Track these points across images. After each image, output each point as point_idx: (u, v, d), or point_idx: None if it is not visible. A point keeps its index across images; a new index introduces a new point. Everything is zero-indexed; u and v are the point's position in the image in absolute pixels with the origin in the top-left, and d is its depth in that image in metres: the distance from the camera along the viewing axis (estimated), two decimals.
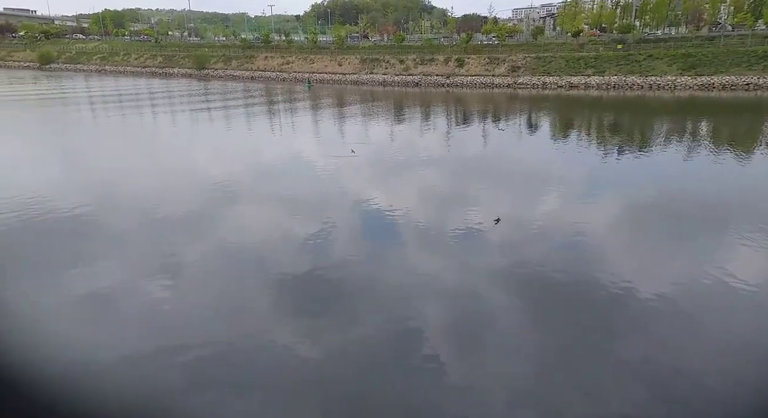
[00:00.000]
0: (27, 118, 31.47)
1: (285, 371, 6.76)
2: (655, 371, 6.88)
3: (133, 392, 6.27)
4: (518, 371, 6.93)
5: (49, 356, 6.89)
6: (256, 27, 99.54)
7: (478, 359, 7.17)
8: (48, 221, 12.05)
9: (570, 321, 8.23)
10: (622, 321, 8.26)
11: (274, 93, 50.20)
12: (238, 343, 7.37)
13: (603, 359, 7.28)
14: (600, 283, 9.35)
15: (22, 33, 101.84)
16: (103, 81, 60.94)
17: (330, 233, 11.73)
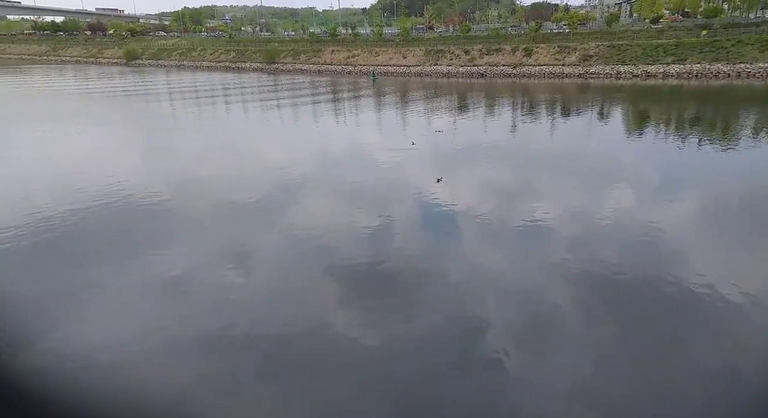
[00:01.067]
0: (113, 111, 34.02)
1: (343, 360, 6.89)
2: (738, 379, 6.53)
3: (198, 373, 6.65)
4: (585, 373, 6.75)
5: (122, 337, 7.50)
6: (324, 21, 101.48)
7: (542, 359, 7.03)
8: (128, 207, 13.02)
9: (644, 323, 7.89)
10: (702, 325, 7.85)
11: (339, 86, 51.12)
12: (299, 329, 7.62)
13: (680, 365, 6.94)
14: (677, 284, 8.87)
15: (111, 31, 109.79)
16: (181, 76, 64.53)
17: (391, 224, 11.90)
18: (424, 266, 9.73)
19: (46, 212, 12.35)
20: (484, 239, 11.13)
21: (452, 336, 7.50)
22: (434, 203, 13.51)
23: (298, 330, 7.59)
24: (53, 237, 10.91)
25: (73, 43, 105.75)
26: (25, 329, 7.40)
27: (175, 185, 15.11)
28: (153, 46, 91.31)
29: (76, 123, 27.59)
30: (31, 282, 8.96)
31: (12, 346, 6.90)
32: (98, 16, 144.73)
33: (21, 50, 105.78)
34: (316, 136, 24.53)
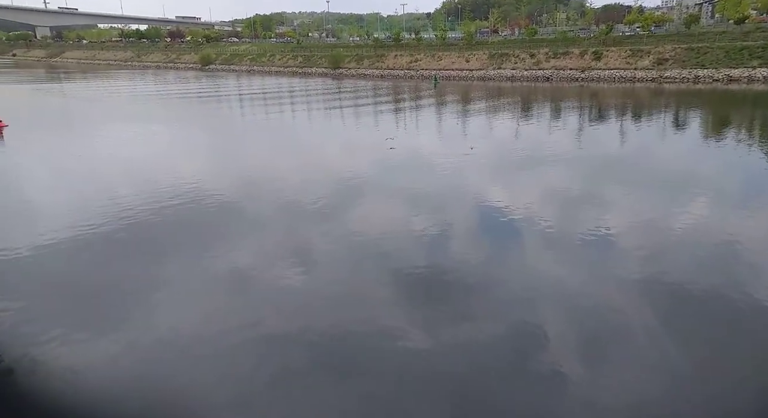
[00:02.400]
0: (187, 113, 36.04)
1: (395, 364, 6.90)
2: None
3: (253, 369, 6.87)
4: (648, 392, 6.42)
5: (183, 329, 7.92)
6: (388, 26, 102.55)
7: (602, 374, 6.75)
8: (197, 205, 13.71)
9: (716, 344, 7.42)
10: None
11: (401, 90, 51.44)
12: (354, 330, 7.72)
13: (750, 387, 6.52)
14: (754, 304, 8.27)
15: (189, 38, 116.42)
16: (251, 80, 67.34)
17: (449, 230, 11.83)
18: (481, 274, 9.59)
19: (122, 207, 13.28)
20: (546, 248, 10.82)
21: (508, 346, 7.32)
22: (493, 209, 13.33)
23: (352, 331, 7.68)
24: (128, 231, 11.70)
25: (154, 49, 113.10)
26: (99, 316, 8.00)
27: (240, 185, 15.77)
28: (226, 52, 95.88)
29: (154, 124, 29.50)
30: (104, 273, 9.66)
31: (88, 331, 7.51)
32: (178, 24, 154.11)
33: (109, 56, 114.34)
34: (376, 140, 24.84)
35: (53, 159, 19.97)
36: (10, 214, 12.91)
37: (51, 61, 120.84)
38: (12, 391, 5.58)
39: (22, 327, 7.44)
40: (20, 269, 9.45)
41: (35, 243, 10.53)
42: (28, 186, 16.09)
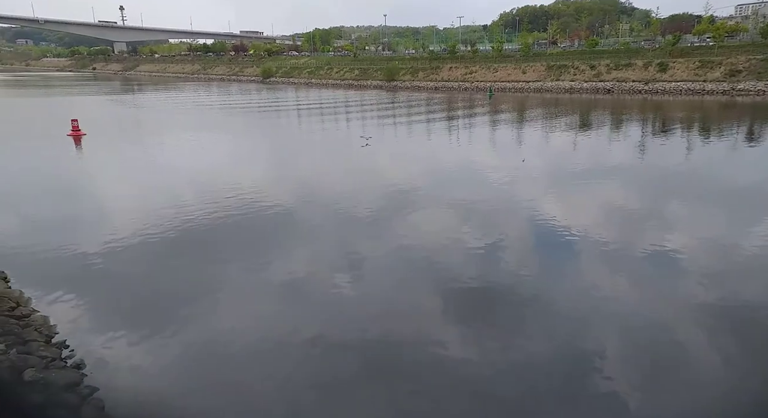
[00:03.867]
0: (248, 124, 37.51)
1: (444, 378, 6.84)
2: None
3: (303, 374, 7.03)
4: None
5: (235, 333, 8.22)
6: (444, 39, 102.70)
7: (659, 400, 6.43)
8: (252, 213, 14.19)
9: None
10: None
11: (455, 102, 51.30)
12: (401, 341, 7.73)
13: None
14: None
15: (251, 52, 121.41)
16: (309, 92, 69.27)
17: (500, 244, 11.65)
18: (534, 290, 9.39)
19: (184, 212, 13.99)
20: (604, 267, 10.46)
21: (560, 367, 7.10)
22: (547, 224, 13.04)
23: (402, 343, 7.68)
24: (188, 236, 12.31)
25: (219, 62, 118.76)
26: (157, 317, 8.47)
27: (296, 194, 16.23)
28: (286, 65, 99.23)
29: (217, 134, 30.92)
30: (164, 275, 10.21)
31: (147, 330, 7.96)
32: (242, 38, 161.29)
33: (177, 69, 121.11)
34: (428, 151, 24.91)
35: (124, 165, 21.34)
36: (83, 216, 13.91)
37: (126, 74, 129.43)
38: (81, 383, 6.03)
39: (91, 324, 7.99)
40: (89, 268, 10.15)
41: (103, 244, 11.30)
42: (101, 190, 17.29)
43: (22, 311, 7.66)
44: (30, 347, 6.48)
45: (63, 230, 12.46)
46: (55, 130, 27.79)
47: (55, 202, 15.30)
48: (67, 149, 24.10)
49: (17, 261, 10.04)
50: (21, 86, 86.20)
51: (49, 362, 6.22)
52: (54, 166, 20.57)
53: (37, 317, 7.58)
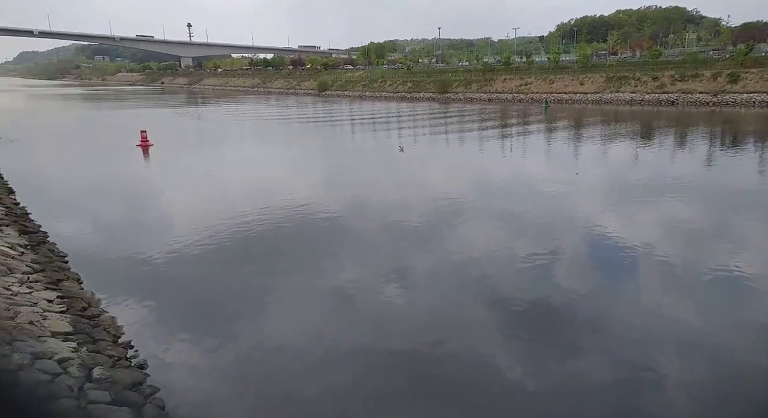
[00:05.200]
0: (303, 135, 38.56)
1: (494, 396, 6.76)
2: None
3: (350, 384, 7.10)
4: None
5: (284, 339, 8.46)
6: (499, 50, 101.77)
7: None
8: (306, 221, 14.58)
9: None
10: None
11: (509, 114, 50.61)
12: (454, 356, 7.68)
13: None
14: None
15: (308, 66, 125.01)
16: (362, 105, 70.37)
17: (554, 258, 11.38)
18: (589, 308, 9.11)
19: (242, 220, 14.55)
20: (665, 285, 10.00)
21: (617, 391, 6.83)
22: (603, 239, 12.63)
23: (452, 357, 7.63)
24: (245, 243, 12.79)
25: (278, 76, 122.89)
26: (211, 322, 8.84)
27: (347, 204, 16.54)
28: (341, 79, 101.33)
29: (274, 145, 32.00)
30: (220, 281, 10.64)
31: (202, 333, 8.34)
32: (299, 53, 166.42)
33: (239, 83, 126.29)
34: (479, 163, 24.70)
35: (187, 175, 22.47)
36: (149, 222, 14.75)
37: (191, 87, 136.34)
38: (144, 383, 6.40)
39: (154, 326, 8.46)
40: (153, 272, 10.76)
41: (166, 250, 11.93)
42: (166, 198, 18.30)
43: (93, 312, 8.22)
44: (99, 346, 6.94)
45: (130, 235, 13.27)
46: (126, 140, 29.66)
47: (124, 209, 16.31)
48: (137, 159, 25.66)
49: (90, 264, 10.77)
50: (97, 100, 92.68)
51: (115, 361, 6.63)
52: (124, 175, 21.94)
53: (105, 318, 8.11)
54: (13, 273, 8.77)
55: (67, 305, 8.05)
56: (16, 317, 6.93)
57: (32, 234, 11.95)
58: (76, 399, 5.42)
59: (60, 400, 5.27)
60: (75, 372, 5.95)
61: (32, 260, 9.91)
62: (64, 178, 21.20)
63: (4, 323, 6.58)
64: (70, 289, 8.88)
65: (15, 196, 16.30)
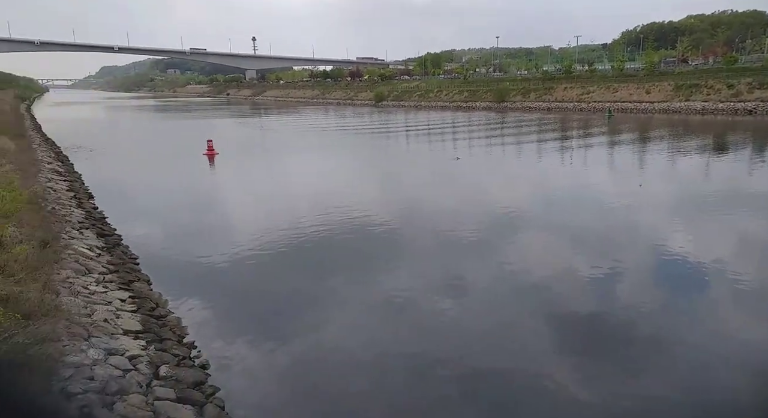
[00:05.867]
0: (359, 145, 39.14)
1: (548, 414, 6.63)
2: None
3: (403, 397, 7.06)
4: None
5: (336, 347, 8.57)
6: (559, 59, 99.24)
7: None
8: (360, 229, 14.76)
9: None
10: None
11: (569, 123, 49.18)
12: (507, 369, 7.55)
13: None
14: None
15: (366, 77, 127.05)
16: (417, 115, 70.61)
17: (616, 275, 10.92)
18: (653, 328, 8.66)
19: (299, 226, 14.94)
20: (737, 306, 9.39)
21: (681, 414, 6.52)
22: (668, 254, 12.00)
23: (505, 371, 7.51)
24: (301, 249, 13.12)
25: (336, 87, 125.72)
26: (268, 324, 9.12)
27: (401, 213, 16.60)
28: (397, 89, 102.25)
29: (331, 154, 32.68)
30: (277, 286, 10.97)
31: (261, 335, 8.61)
32: (357, 64, 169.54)
33: (299, 94, 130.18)
34: (537, 173, 24.14)
35: (250, 182, 23.36)
36: (213, 227, 15.44)
37: (255, 98, 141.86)
38: (206, 382, 6.70)
39: (216, 327, 8.85)
40: (216, 275, 11.25)
41: (228, 254, 12.45)
42: (229, 205, 19.12)
43: (160, 312, 8.70)
44: (165, 345, 7.33)
45: (196, 240, 13.94)
46: (193, 149, 31.25)
47: (191, 215, 17.16)
48: (203, 167, 26.97)
49: (158, 266, 11.40)
50: (167, 110, 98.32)
51: (180, 360, 6.99)
52: (191, 183, 23.11)
53: (172, 318, 8.56)
54: (90, 273, 9.44)
55: (138, 304, 8.58)
56: (93, 315, 7.46)
57: (108, 237, 12.82)
58: (145, 395, 5.76)
59: (130, 395, 5.61)
60: (144, 369, 6.33)
61: (108, 261, 10.64)
62: (136, 184, 22.60)
63: (82, 320, 7.09)
64: (141, 289, 9.45)
65: (94, 201, 17.54)
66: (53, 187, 17.37)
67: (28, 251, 8.21)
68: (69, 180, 20.19)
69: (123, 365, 6.20)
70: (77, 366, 5.68)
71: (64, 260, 9.26)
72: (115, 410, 5.20)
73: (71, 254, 9.86)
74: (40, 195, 13.88)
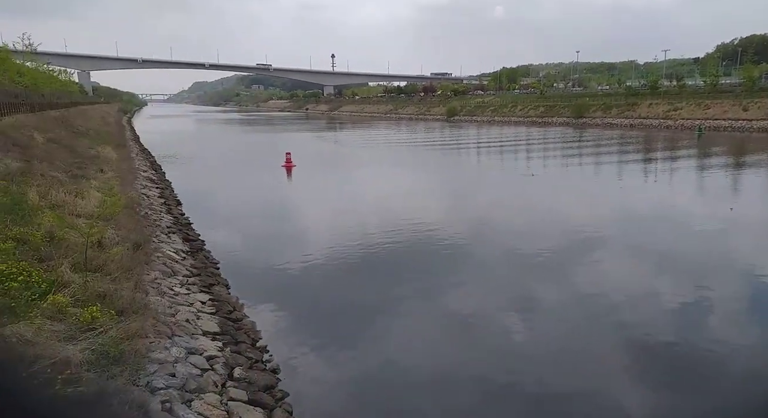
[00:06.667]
0: (429, 159, 39.20)
1: None
2: None
3: None
4: None
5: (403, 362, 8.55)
6: (645, 74, 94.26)
7: None
8: (428, 243, 14.71)
9: None
10: None
11: (654, 141, 46.45)
12: (577, 396, 7.28)
13: None
14: None
15: (439, 92, 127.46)
16: (490, 130, 69.69)
17: (706, 306, 10.14)
18: (748, 364, 7.99)
19: (368, 238, 15.16)
20: None
21: None
22: (765, 285, 10.96)
23: (578, 400, 7.20)
24: (368, 260, 13.31)
25: (409, 102, 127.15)
26: (340, 334, 9.30)
27: (470, 229, 16.40)
28: (470, 104, 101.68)
29: (402, 168, 32.99)
30: (347, 296, 11.17)
31: (324, 342, 8.80)
32: (431, 80, 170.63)
33: (373, 109, 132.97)
34: (619, 193, 22.96)
35: (324, 194, 24.08)
36: (287, 236, 16.06)
37: (331, 113, 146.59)
38: (276, 387, 6.95)
39: (287, 333, 9.16)
40: (288, 282, 11.66)
41: (301, 262, 12.88)
42: (304, 215, 19.81)
43: (237, 315, 9.14)
44: (240, 348, 7.68)
45: (271, 247, 14.57)
46: (273, 161, 32.76)
47: (268, 224, 17.95)
48: (281, 179, 28.18)
49: (236, 271, 11.98)
50: (250, 124, 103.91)
51: (252, 363, 7.29)
52: (270, 194, 24.20)
53: (247, 322, 8.96)
54: (176, 275, 10.13)
55: (216, 307, 9.07)
56: (176, 315, 7.97)
57: (192, 242, 13.69)
58: (220, 395, 6.06)
59: (207, 394, 5.93)
60: (220, 369, 6.67)
61: (191, 264, 11.36)
62: (220, 193, 23.99)
63: (167, 319, 7.61)
64: (220, 293, 9.98)
65: (181, 207, 18.83)
66: (147, 193, 18.86)
67: (123, 252, 8.95)
68: (160, 187, 21.82)
69: (201, 365, 6.55)
70: (161, 362, 6.08)
71: (153, 262, 10.00)
72: (193, 407, 5.51)
73: (160, 257, 10.63)
74: (136, 201, 15.12)
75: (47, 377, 4.40)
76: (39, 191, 11.25)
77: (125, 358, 5.43)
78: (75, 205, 11.43)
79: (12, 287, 5.97)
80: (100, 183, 15.50)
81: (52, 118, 33.13)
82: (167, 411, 5.12)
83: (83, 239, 8.09)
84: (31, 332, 5.21)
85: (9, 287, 5.98)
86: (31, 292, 6.07)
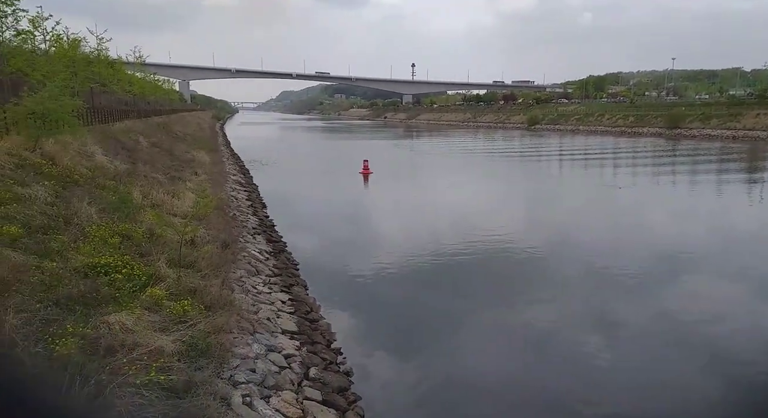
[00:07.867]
0: (507, 170, 38.27)
1: None
2: None
3: None
4: None
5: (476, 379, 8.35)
6: (751, 82, 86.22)
7: None
8: (500, 256, 14.31)
9: None
10: None
11: (761, 155, 42.26)
12: None
13: None
14: None
15: (520, 100, 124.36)
16: (574, 139, 66.81)
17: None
18: None
19: (441, 247, 15.04)
20: None
21: None
22: None
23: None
24: (438, 269, 13.19)
25: (488, 111, 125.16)
26: (410, 341, 9.28)
27: (546, 242, 15.77)
28: (553, 112, 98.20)
29: (479, 177, 32.50)
30: (418, 303, 11.11)
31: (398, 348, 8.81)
32: (512, 88, 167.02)
33: (450, 118, 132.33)
34: (715, 208, 21.19)
35: (399, 202, 24.25)
36: (364, 241, 16.32)
37: (409, 122, 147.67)
38: (349, 389, 7.06)
39: (360, 337, 9.31)
40: (362, 286, 11.85)
41: (375, 267, 13.08)
42: (379, 221, 20.09)
43: (314, 316, 9.41)
44: (316, 348, 7.90)
45: (348, 251, 14.90)
46: (351, 167, 33.51)
47: (345, 228, 18.39)
48: (359, 185, 28.77)
49: (314, 273, 12.35)
50: (331, 131, 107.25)
51: (327, 364, 7.46)
52: (348, 199, 24.79)
53: (323, 323, 9.20)
54: (259, 274, 10.62)
55: (295, 307, 9.39)
56: (258, 312, 8.35)
57: (275, 243, 14.30)
58: (296, 393, 6.26)
59: (284, 391, 6.14)
60: (296, 368, 6.88)
61: (274, 265, 11.87)
62: (301, 197, 24.89)
63: (250, 316, 7.99)
64: (299, 293, 10.34)
65: (266, 210, 19.75)
66: (236, 196, 20.00)
67: (212, 251, 9.53)
68: (248, 191, 23.05)
69: (279, 362, 6.80)
70: (243, 358, 6.38)
71: (239, 261, 10.56)
72: (271, 404, 5.73)
73: (245, 256, 11.21)
74: (225, 202, 16.07)
75: (144, 364, 4.77)
76: (142, 191, 12.31)
77: (212, 351, 5.74)
78: (172, 204, 12.38)
79: (117, 279, 6.55)
80: (194, 185, 16.67)
81: (156, 124, 36.17)
82: (247, 405, 5.36)
83: (178, 237, 8.72)
84: (132, 321, 5.68)
85: (114, 278, 6.57)
86: (133, 284, 6.62)
